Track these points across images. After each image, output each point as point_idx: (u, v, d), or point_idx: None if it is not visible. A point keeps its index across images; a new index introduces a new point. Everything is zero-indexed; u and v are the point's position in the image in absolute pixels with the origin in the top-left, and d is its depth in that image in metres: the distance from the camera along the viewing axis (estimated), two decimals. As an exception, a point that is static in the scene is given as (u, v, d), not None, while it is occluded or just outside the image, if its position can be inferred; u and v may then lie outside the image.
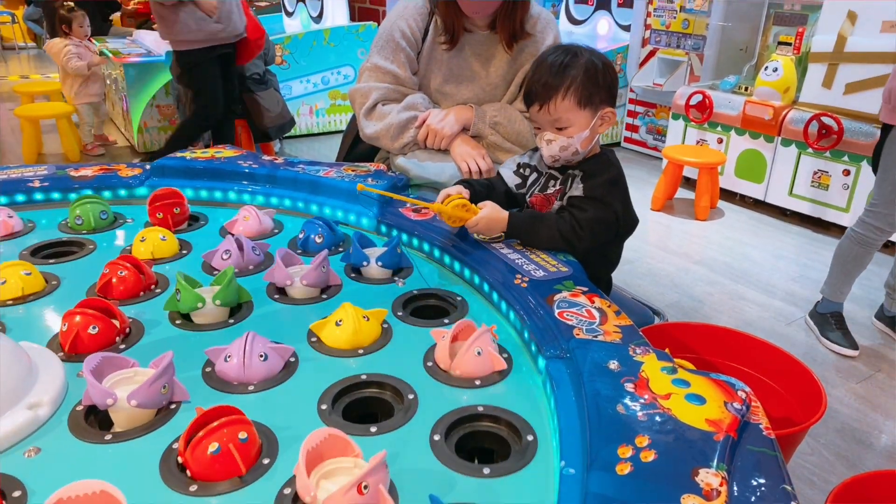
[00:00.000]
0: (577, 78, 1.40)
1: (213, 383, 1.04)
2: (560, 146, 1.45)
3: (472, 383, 1.05)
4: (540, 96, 1.43)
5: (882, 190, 2.54)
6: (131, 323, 1.18)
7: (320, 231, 1.52)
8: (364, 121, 1.89)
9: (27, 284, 1.28)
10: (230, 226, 1.62)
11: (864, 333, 2.85)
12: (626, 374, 0.95)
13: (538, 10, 1.89)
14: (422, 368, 1.09)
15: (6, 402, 0.91)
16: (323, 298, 1.31)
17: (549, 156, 1.49)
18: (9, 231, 1.58)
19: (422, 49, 1.88)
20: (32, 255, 1.47)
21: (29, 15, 9.99)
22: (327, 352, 1.13)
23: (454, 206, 1.39)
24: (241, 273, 1.39)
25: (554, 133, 1.45)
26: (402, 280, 1.40)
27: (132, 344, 1.13)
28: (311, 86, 5.63)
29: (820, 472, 2.07)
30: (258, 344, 1.05)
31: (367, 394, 1.04)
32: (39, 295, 1.30)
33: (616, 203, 1.46)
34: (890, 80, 2.49)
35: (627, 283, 3.16)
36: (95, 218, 1.60)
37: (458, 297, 1.33)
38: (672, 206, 4.33)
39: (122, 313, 1.15)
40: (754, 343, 1.67)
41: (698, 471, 0.77)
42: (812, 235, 3.93)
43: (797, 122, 3.90)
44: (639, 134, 5.46)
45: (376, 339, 1.16)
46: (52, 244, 1.53)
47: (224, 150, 1.96)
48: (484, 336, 1.07)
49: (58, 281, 1.35)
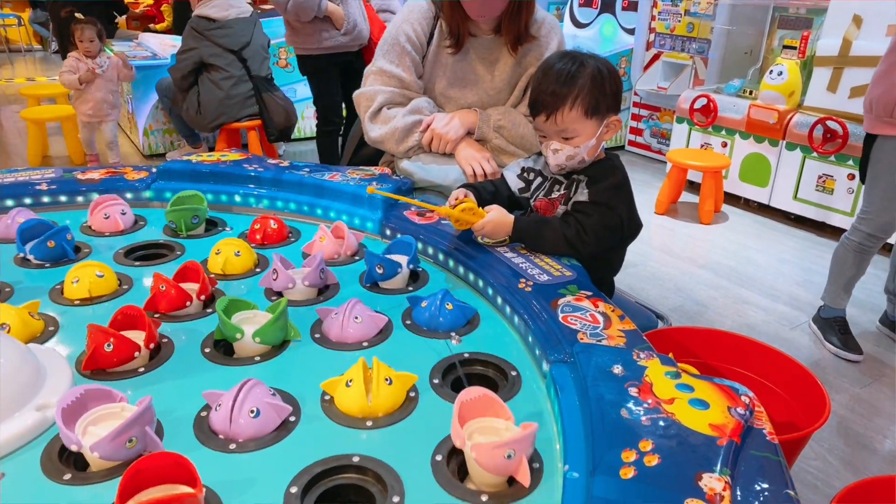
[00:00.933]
0: (584, 88, 1.39)
1: (199, 432, 0.93)
2: (567, 155, 1.45)
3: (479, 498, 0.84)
4: (547, 106, 1.42)
5: (872, 197, 2.56)
6: (165, 343, 1.13)
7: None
8: (369, 124, 1.90)
9: (95, 287, 1.28)
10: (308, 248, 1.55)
11: (867, 338, 2.85)
12: (629, 379, 0.96)
13: (543, 15, 1.90)
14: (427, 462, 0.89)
15: (14, 404, 0.92)
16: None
17: (555, 165, 1.49)
18: (118, 228, 1.61)
19: (427, 53, 1.89)
20: (125, 256, 1.49)
21: (35, 18, 10.02)
22: (334, 416, 0.97)
23: (462, 210, 1.39)
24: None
25: (560, 143, 1.45)
26: (458, 338, 1.19)
27: (153, 367, 1.08)
28: (316, 89, 5.63)
29: (824, 476, 2.07)
30: (254, 396, 0.92)
31: (348, 480, 0.86)
32: (107, 298, 1.29)
33: (621, 208, 1.46)
34: (869, 91, 2.50)
35: (631, 286, 3.16)
36: (187, 223, 1.60)
37: (514, 370, 1.10)
38: (676, 210, 4.33)
39: (153, 329, 1.10)
40: (758, 348, 1.68)
41: (702, 475, 0.77)
42: (816, 239, 3.93)
43: (802, 126, 3.90)
44: (643, 137, 5.46)
45: (394, 410, 0.98)
46: (149, 245, 1.55)
47: (229, 154, 1.97)
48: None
49: (130, 285, 1.35)
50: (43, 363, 1.01)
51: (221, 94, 4.26)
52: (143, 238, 1.60)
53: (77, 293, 1.27)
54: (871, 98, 2.47)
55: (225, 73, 4.23)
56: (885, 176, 2.47)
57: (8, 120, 6.28)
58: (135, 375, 1.06)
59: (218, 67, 4.21)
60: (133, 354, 1.05)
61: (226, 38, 4.19)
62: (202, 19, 4.15)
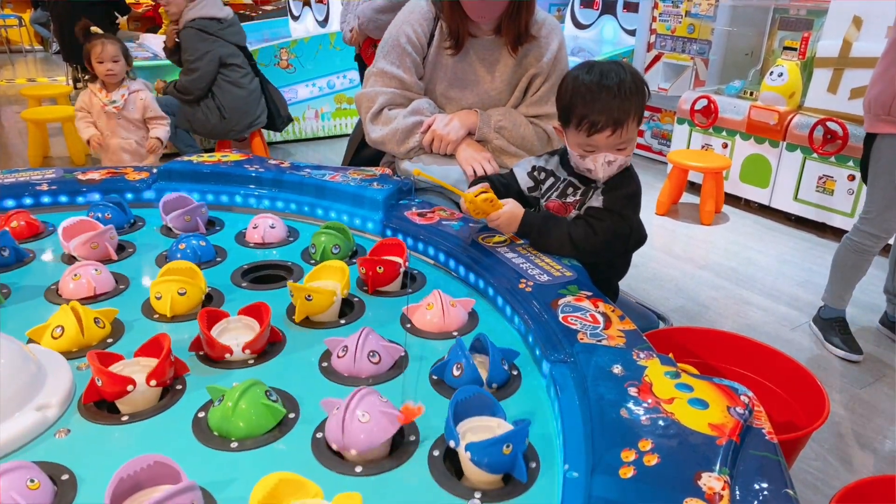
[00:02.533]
0: (640, 98, 1.40)
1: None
2: (619, 165, 1.44)
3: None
4: (616, 122, 1.38)
5: (873, 198, 2.56)
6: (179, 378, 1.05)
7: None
8: (370, 125, 1.90)
9: (176, 304, 1.23)
10: None
11: (868, 339, 2.85)
12: (629, 379, 0.96)
13: (543, 16, 1.90)
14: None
15: (15, 404, 0.92)
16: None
17: (603, 176, 1.46)
18: (257, 241, 1.58)
19: (427, 54, 1.89)
20: (243, 276, 1.41)
21: (36, 18, 10.02)
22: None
23: (482, 199, 1.41)
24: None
25: (614, 154, 1.43)
26: None
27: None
28: (317, 90, 5.65)
29: (824, 476, 2.07)
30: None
31: None
32: (186, 318, 1.23)
33: (632, 217, 1.47)
34: (868, 91, 2.51)
35: (632, 287, 3.16)
36: (327, 250, 1.48)
37: (515, 369, 1.12)
38: (677, 211, 4.33)
39: (164, 368, 0.99)
40: (758, 348, 1.68)
41: (701, 475, 0.77)
42: (817, 240, 3.93)
43: (802, 127, 3.90)
44: (644, 138, 5.46)
45: None
46: (268, 266, 1.48)
47: (230, 154, 1.98)
48: None
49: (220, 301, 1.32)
50: (43, 363, 1.02)
51: (244, 93, 4.19)
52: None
53: (160, 308, 1.23)
54: (870, 97, 2.48)
55: (242, 70, 4.18)
56: (885, 175, 2.47)
57: (9, 120, 6.29)
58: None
59: (235, 66, 4.15)
60: (126, 389, 0.96)
61: (237, 35, 4.15)
62: (207, 20, 4.03)
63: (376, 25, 3.39)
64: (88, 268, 1.32)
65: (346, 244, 1.51)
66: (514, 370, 1.10)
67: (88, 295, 1.29)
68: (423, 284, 1.42)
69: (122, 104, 3.29)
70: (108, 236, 1.48)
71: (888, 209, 2.52)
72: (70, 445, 0.91)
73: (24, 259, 1.46)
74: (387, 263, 1.36)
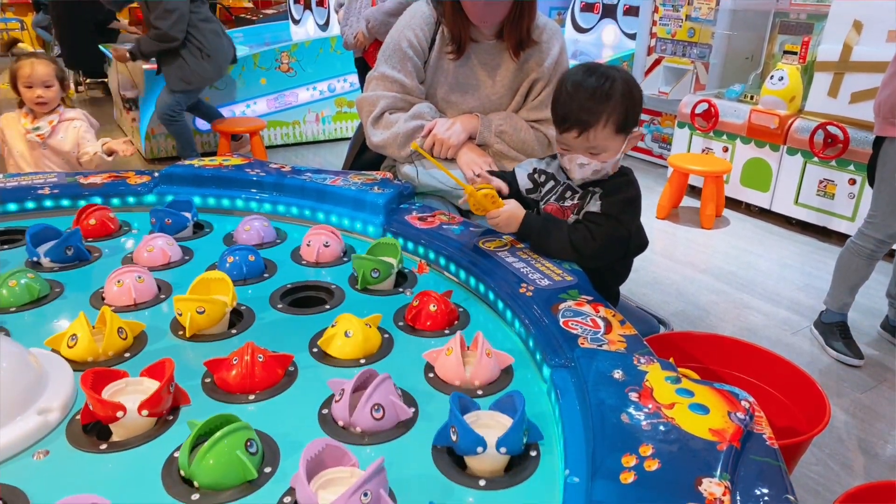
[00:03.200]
0: (616, 105, 1.38)
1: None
2: (593, 170, 1.44)
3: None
4: (580, 123, 1.39)
5: (879, 202, 2.55)
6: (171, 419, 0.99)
7: None
8: (371, 129, 1.90)
9: (196, 323, 1.18)
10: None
11: (869, 343, 2.85)
12: (630, 384, 0.96)
13: (544, 20, 1.91)
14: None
15: (16, 408, 0.92)
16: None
17: (579, 178, 1.47)
18: (311, 259, 1.52)
19: (428, 58, 1.90)
20: (282, 298, 1.35)
21: (38, 22, 10.05)
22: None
23: (483, 195, 1.41)
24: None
25: (588, 157, 1.43)
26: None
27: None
28: (318, 93, 5.66)
29: (825, 481, 2.06)
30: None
31: None
32: (208, 338, 1.20)
33: (630, 222, 1.47)
34: (879, 93, 2.51)
35: (633, 291, 3.16)
36: (366, 274, 1.39)
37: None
38: (677, 215, 4.33)
39: (160, 397, 0.94)
40: (758, 353, 1.68)
41: (701, 480, 0.77)
42: (818, 244, 3.93)
43: (803, 131, 3.90)
44: (644, 142, 5.46)
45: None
46: (309, 287, 1.42)
47: (231, 158, 1.98)
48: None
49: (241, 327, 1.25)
50: (45, 367, 1.02)
51: (217, 27, 4.29)
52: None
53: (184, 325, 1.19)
54: (879, 101, 2.48)
55: (204, 4, 4.26)
56: (892, 179, 2.47)
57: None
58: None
59: (201, 3, 4.24)
60: (115, 415, 0.91)
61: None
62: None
63: (387, 28, 3.41)
64: (132, 274, 1.30)
65: (385, 267, 1.38)
66: (532, 450, 0.92)
67: (128, 303, 1.28)
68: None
69: (49, 132, 2.57)
70: None
71: (893, 214, 2.51)
72: (43, 468, 0.88)
73: (86, 259, 1.48)
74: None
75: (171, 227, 1.61)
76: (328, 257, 1.52)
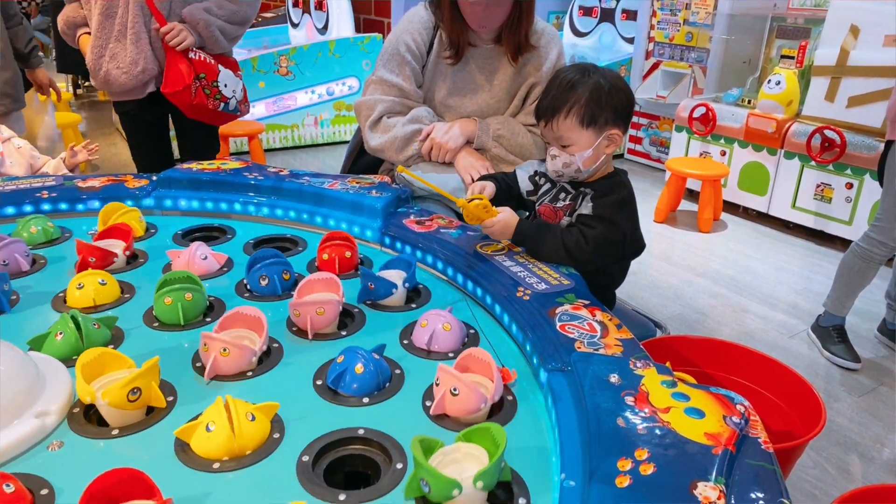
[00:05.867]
0: (581, 98, 1.41)
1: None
2: (563, 163, 1.47)
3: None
4: (545, 112, 1.46)
5: (886, 205, 2.55)
6: None
7: None
8: (369, 133, 1.91)
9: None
10: None
11: (866, 346, 2.85)
12: (626, 388, 0.96)
13: (542, 25, 1.91)
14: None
15: (14, 411, 0.92)
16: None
17: (552, 170, 1.51)
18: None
19: (427, 63, 1.90)
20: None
21: (37, 25, 10.05)
22: None
23: (476, 206, 1.41)
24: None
25: (559, 150, 1.47)
26: None
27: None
28: (316, 97, 5.67)
29: (822, 485, 2.07)
30: None
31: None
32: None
33: (624, 224, 1.46)
34: (892, 97, 2.52)
35: (630, 295, 3.17)
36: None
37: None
38: (675, 219, 4.34)
39: None
40: (755, 357, 1.68)
41: (697, 484, 0.77)
42: (815, 248, 3.94)
43: (800, 135, 3.92)
44: (642, 146, 5.48)
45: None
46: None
47: (230, 162, 1.98)
48: None
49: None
50: (42, 370, 1.02)
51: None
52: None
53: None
54: (891, 105, 2.50)
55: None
56: None
57: (9, 127, 6.28)
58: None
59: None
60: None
61: None
62: None
63: None
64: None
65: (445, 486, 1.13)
66: None
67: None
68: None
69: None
70: None
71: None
72: (56, 458, 0.90)
73: None
74: None
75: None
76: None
